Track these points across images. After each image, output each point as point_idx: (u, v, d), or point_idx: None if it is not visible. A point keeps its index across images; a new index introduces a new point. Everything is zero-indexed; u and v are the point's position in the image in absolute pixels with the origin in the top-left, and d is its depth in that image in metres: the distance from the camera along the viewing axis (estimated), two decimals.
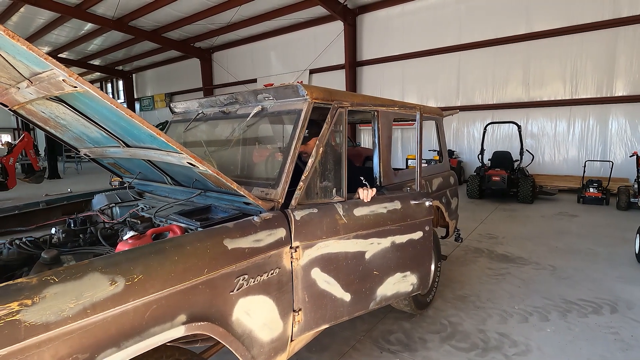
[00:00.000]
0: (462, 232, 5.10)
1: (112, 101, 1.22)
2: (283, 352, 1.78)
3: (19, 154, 9.28)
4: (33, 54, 1.07)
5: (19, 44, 1.04)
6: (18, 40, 1.02)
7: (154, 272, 1.21)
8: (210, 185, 1.92)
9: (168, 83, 20.80)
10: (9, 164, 8.79)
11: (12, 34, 1.01)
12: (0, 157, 8.92)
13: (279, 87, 2.08)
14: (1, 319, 0.91)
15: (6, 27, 2.60)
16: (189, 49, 17.52)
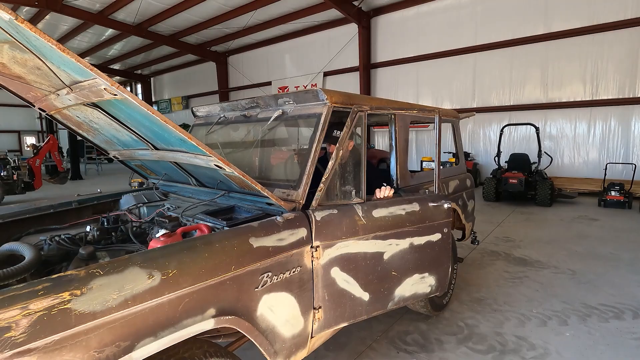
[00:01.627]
0: (478, 235, 5.07)
1: (148, 107, 1.30)
2: (303, 349, 1.83)
3: (44, 156, 9.64)
4: (80, 65, 1.16)
5: (67, 56, 1.13)
6: (67, 53, 1.11)
7: (187, 267, 1.29)
8: (234, 187, 1.99)
9: (185, 86, 21.23)
10: (36, 165, 9.15)
11: (62, 47, 1.10)
12: (27, 159, 9.30)
13: (299, 92, 2.15)
14: (55, 307, 0.99)
15: None
16: (206, 52, 17.86)
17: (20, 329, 0.94)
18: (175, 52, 18.31)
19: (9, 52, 1.53)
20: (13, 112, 24.71)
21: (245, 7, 12.68)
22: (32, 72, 1.68)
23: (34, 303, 0.97)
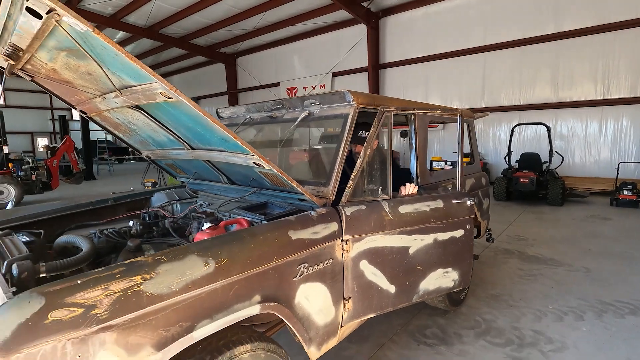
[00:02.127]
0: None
1: (199, 109, 1.41)
2: (334, 337, 1.93)
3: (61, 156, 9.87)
4: (143, 71, 1.27)
5: (133, 63, 1.24)
6: (134, 61, 1.22)
7: (236, 256, 1.40)
8: (266, 184, 2.10)
9: (194, 87, 21.45)
10: (53, 165, 9.38)
11: (130, 55, 1.21)
12: (45, 160, 9.53)
13: (325, 94, 2.24)
14: (130, 289, 1.11)
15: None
16: (215, 54, 18.07)
17: (103, 307, 1.05)
18: (185, 53, 18.53)
19: (64, 59, 1.65)
20: (26, 114, 25.18)
21: (254, 9, 12.83)
22: (81, 77, 1.80)
23: (113, 284, 1.09)
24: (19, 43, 1.46)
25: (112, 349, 1.06)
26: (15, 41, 1.45)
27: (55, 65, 1.74)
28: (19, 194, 8.62)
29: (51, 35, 1.35)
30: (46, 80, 1.98)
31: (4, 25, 1.35)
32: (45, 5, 1.06)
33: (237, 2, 12.46)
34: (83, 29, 1.14)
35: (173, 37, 16.02)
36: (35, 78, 2.00)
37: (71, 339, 0.99)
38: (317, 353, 1.83)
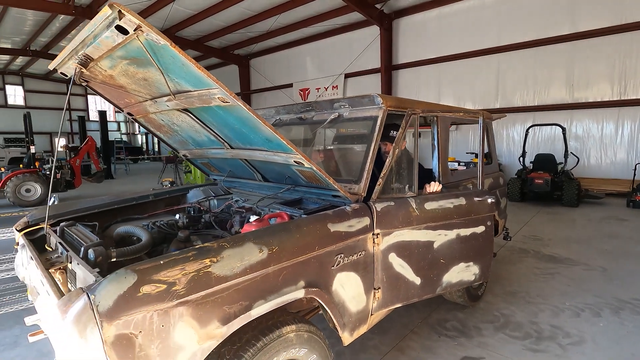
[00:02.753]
0: None
1: (253, 112, 1.57)
2: (364, 324, 2.07)
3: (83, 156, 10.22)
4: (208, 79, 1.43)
5: (200, 72, 1.40)
6: (201, 70, 1.38)
7: (285, 245, 1.55)
8: (301, 181, 2.25)
9: None
10: (76, 164, 9.72)
11: (198, 65, 1.37)
12: (69, 159, 9.88)
13: (355, 97, 2.38)
14: (201, 270, 1.27)
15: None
16: (229, 56, 18.36)
17: (181, 284, 1.21)
18: (199, 55, 18.81)
19: (124, 67, 1.83)
20: (45, 115, 25.83)
21: (269, 11, 13.02)
22: (136, 82, 1.98)
23: (188, 265, 1.25)
24: (92, 54, 1.64)
25: (188, 321, 1.23)
26: (89, 52, 1.63)
27: (114, 72, 1.92)
28: (44, 192, 8.97)
29: (123, 47, 1.52)
30: (101, 85, 2.16)
31: (84, 40, 1.53)
32: (134, 23, 1.23)
33: (252, 4, 12.65)
34: (161, 43, 1.30)
35: (188, 40, 16.34)
36: (91, 83, 2.18)
37: (157, 310, 1.16)
38: (350, 338, 1.98)
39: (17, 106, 25.05)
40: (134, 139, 33.20)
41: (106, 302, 1.08)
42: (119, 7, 1.19)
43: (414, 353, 2.66)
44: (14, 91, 25.21)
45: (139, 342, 1.14)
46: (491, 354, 2.64)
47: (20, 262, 2.10)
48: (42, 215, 2.26)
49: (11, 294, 3.34)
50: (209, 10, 13.05)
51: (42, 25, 14.95)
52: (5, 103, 24.73)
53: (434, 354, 2.65)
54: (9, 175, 8.57)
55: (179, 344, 1.22)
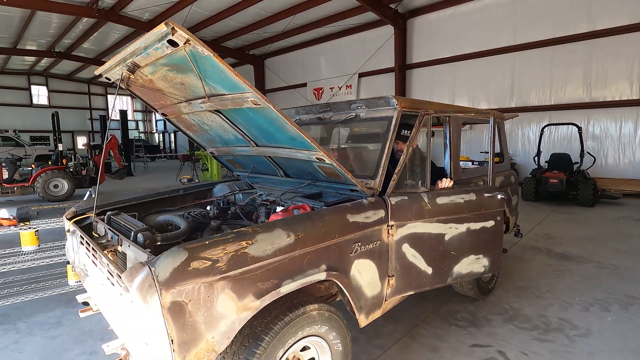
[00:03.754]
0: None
1: (282, 114, 1.76)
2: (379, 309, 2.24)
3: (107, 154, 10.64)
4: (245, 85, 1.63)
5: (237, 78, 1.60)
6: (239, 77, 1.58)
7: (309, 232, 1.74)
8: (321, 177, 2.43)
9: None
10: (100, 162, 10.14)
11: (236, 73, 1.57)
12: (93, 157, 10.32)
13: (371, 99, 2.55)
14: (239, 250, 1.47)
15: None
16: (244, 56, 18.68)
17: (223, 262, 1.41)
18: None
19: (164, 73, 2.04)
20: (68, 114, 26.68)
21: (284, 12, 13.24)
22: (173, 86, 2.19)
23: (228, 246, 1.45)
24: (140, 62, 1.86)
25: (228, 294, 1.43)
26: (138, 60, 1.84)
27: (154, 77, 2.14)
28: (71, 188, 9.43)
29: (168, 56, 1.72)
30: (139, 88, 2.39)
31: (134, 50, 1.74)
32: (184, 38, 1.43)
33: (268, 5, 12.87)
34: (205, 53, 1.50)
35: (205, 40, 16.71)
36: (131, 87, 2.41)
37: (203, 283, 1.36)
38: (365, 321, 2.15)
39: (41, 105, 26.02)
40: (152, 138, 34.01)
41: (164, 273, 1.29)
42: (172, 25, 1.39)
43: (425, 340, 2.82)
44: (38, 91, 26.16)
45: (189, 309, 1.34)
46: (500, 342, 2.78)
47: (70, 247, 2.35)
48: (87, 207, 2.51)
49: (52, 279, 3.63)
50: (226, 11, 13.35)
51: (67, 27, 15.52)
52: (30, 103, 25.70)
53: (444, 341, 2.80)
54: (38, 171, 9.05)
55: (220, 313, 1.42)
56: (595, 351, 2.66)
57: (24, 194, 9.22)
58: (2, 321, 3.13)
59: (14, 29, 15.62)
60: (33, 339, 2.87)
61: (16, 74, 24.60)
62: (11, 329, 3.01)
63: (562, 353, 2.64)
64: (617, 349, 2.70)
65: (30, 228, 3.18)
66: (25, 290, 3.39)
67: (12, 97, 24.86)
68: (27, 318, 3.18)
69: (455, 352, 2.67)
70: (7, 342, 2.83)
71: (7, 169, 8.81)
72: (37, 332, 2.95)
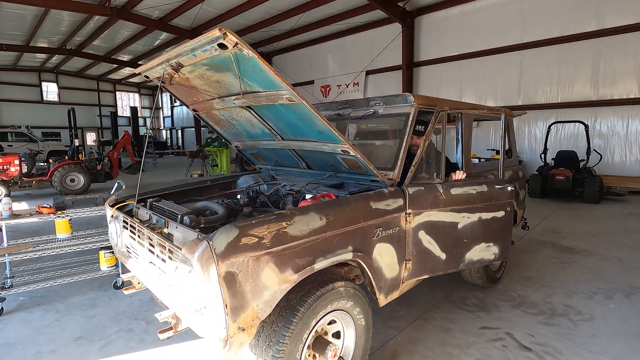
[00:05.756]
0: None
1: (314, 109, 1.94)
2: (397, 290, 2.43)
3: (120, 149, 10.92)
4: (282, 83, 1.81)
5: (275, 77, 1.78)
6: (278, 75, 1.76)
7: (338, 216, 1.93)
8: (343, 168, 2.62)
9: None
10: (114, 157, 10.43)
11: (275, 72, 1.75)
12: (108, 152, 10.59)
13: (388, 96, 2.72)
14: (280, 230, 1.66)
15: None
16: None
17: (267, 239, 1.61)
18: None
19: (202, 72, 2.23)
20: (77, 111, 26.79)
21: (292, 10, 13.38)
22: (208, 84, 2.38)
23: (271, 226, 1.64)
24: (184, 62, 2.05)
25: (271, 267, 1.62)
26: (182, 60, 2.03)
27: (191, 76, 2.32)
28: (86, 182, 9.71)
29: (212, 57, 1.91)
30: (176, 86, 2.58)
31: (180, 52, 1.93)
32: (234, 41, 1.62)
33: (276, 4, 13.01)
34: (250, 55, 1.69)
35: None
36: (166, 84, 2.59)
37: (251, 257, 1.56)
38: (385, 300, 2.34)
39: (51, 102, 26.40)
40: (159, 134, 34.37)
41: (220, 247, 1.48)
42: (225, 30, 1.58)
43: (437, 322, 3.01)
44: (48, 88, 26.54)
45: (239, 279, 1.53)
46: (508, 325, 2.96)
47: (113, 231, 2.56)
48: (126, 195, 2.72)
49: (85, 265, 3.87)
50: (235, 9, 13.49)
51: (79, 25, 15.79)
52: (41, 99, 26.09)
53: (455, 323, 2.99)
54: (56, 166, 9.33)
55: (265, 284, 1.61)
56: (599, 334, 2.84)
57: (41, 187, 9.51)
58: (42, 302, 3.37)
59: (27, 26, 15.92)
60: (73, 317, 3.10)
61: (27, 70, 24.98)
62: (51, 309, 3.24)
63: (566, 335, 2.82)
64: (618, 332, 2.87)
65: (66, 216, 3.40)
66: (60, 274, 3.63)
67: (24, 94, 25.27)
68: (64, 300, 3.42)
69: (466, 333, 2.85)
70: (49, 320, 3.07)
71: (26, 164, 9.09)
72: (76, 312, 3.19)
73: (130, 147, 11.19)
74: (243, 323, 1.56)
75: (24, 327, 2.94)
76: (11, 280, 3.43)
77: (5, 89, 24.45)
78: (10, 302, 3.31)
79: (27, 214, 3.34)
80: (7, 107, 24.76)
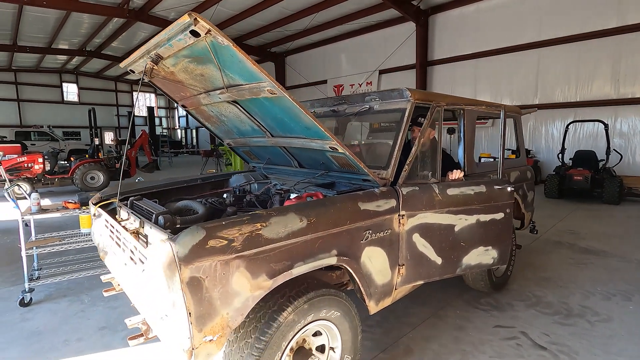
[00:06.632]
0: (540, 229, 5.20)
1: (297, 102, 1.83)
2: (389, 297, 2.29)
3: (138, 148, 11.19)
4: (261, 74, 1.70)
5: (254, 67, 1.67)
6: (256, 66, 1.66)
7: (321, 217, 1.81)
8: (334, 167, 2.50)
9: None
10: (132, 156, 10.68)
11: (254, 62, 1.65)
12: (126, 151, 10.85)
13: (384, 91, 2.58)
14: (254, 232, 1.56)
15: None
16: (265, 54, 18.86)
17: (238, 242, 1.50)
18: None
19: (185, 64, 2.14)
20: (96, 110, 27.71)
21: (306, 10, 13.26)
22: (194, 78, 2.29)
23: (243, 227, 1.54)
24: (163, 53, 1.97)
25: (242, 272, 1.52)
26: (161, 52, 1.95)
27: (175, 69, 2.24)
28: (106, 180, 9.96)
29: (190, 47, 1.82)
30: (161, 80, 2.51)
31: (158, 42, 1.85)
32: (205, 28, 1.52)
33: (290, 4, 12.89)
34: (225, 43, 1.59)
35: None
36: (154, 79, 2.53)
37: (219, 261, 1.46)
38: (375, 307, 2.21)
39: (71, 102, 27.13)
40: (174, 134, 34.89)
41: (184, 249, 1.38)
42: (195, 16, 1.48)
43: (451, 320, 2.94)
44: (68, 88, 27.28)
45: (206, 285, 1.43)
46: (522, 324, 2.87)
47: (96, 231, 2.51)
48: (111, 193, 2.67)
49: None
50: (250, 10, 13.42)
51: (98, 27, 16.10)
52: (62, 99, 26.85)
53: (469, 321, 2.92)
54: (77, 164, 9.66)
55: (235, 290, 1.51)
56: (616, 335, 2.71)
57: (63, 185, 9.79)
58: (67, 293, 3.50)
59: (50, 29, 16.33)
60: (97, 308, 3.20)
61: (49, 72, 25.73)
62: (76, 300, 3.36)
63: (583, 335, 2.71)
64: (637, 334, 2.73)
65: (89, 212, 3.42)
66: (84, 267, 3.78)
67: (45, 94, 26.02)
68: (88, 292, 3.53)
69: (480, 331, 2.78)
70: (75, 310, 3.19)
71: (49, 162, 9.39)
72: (100, 304, 3.28)
73: (147, 146, 11.43)
74: (211, 332, 1.46)
75: (51, 317, 3.07)
76: (39, 272, 3.63)
77: (28, 89, 25.24)
78: (38, 293, 3.45)
79: (54, 209, 3.51)
80: (30, 107, 25.56)
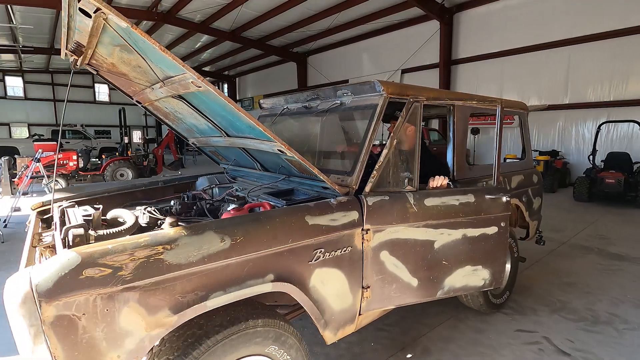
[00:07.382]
0: (567, 233, 4.71)
1: (224, 97, 1.55)
2: (351, 324, 1.96)
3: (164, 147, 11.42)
4: (173, 61, 1.43)
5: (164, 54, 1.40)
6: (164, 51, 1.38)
7: (252, 236, 1.50)
8: (294, 171, 2.19)
9: (266, 85, 22.50)
10: (159, 154, 10.96)
11: (162, 47, 1.37)
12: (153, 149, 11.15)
13: (356, 84, 2.23)
14: (152, 257, 1.27)
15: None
16: (288, 54, 18.71)
17: (128, 270, 1.22)
18: (260, 54, 19.45)
19: (119, 54, 1.89)
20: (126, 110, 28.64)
21: (328, 10, 12.95)
22: (134, 70, 2.05)
23: (138, 251, 1.25)
24: (80, 40, 1.73)
25: (134, 307, 1.24)
26: (78, 38, 1.71)
27: (113, 60, 1.99)
28: (134, 176, 10.27)
29: (104, 32, 1.56)
30: (108, 73, 2.29)
31: (69, 25, 1.61)
32: (93, 5, 1.25)
33: (313, 4, 12.61)
34: (124, 26, 1.32)
35: (252, 39, 16.90)
36: (100, 72, 2.31)
37: (100, 294, 1.18)
38: (333, 337, 1.88)
39: (103, 102, 28.23)
40: None
41: (46, 283, 1.10)
42: None
43: (471, 322, 2.76)
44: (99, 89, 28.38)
45: (82, 324, 1.15)
46: (545, 329, 2.64)
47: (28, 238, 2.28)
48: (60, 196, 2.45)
49: None
50: (273, 11, 13.26)
51: None
52: (94, 99, 27.97)
53: (489, 324, 2.73)
54: (108, 161, 10.04)
55: (125, 329, 1.23)
56: None
57: (94, 181, 10.16)
58: None
59: None
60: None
61: (83, 73, 26.81)
62: None
63: (610, 344, 2.45)
64: None
65: None
66: None
67: (80, 95, 27.17)
68: None
69: (500, 334, 2.59)
70: None
71: (82, 159, 9.81)
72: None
73: (173, 145, 11.64)
74: None
75: None
76: None
77: (63, 90, 26.38)
78: None
79: None
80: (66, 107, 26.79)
